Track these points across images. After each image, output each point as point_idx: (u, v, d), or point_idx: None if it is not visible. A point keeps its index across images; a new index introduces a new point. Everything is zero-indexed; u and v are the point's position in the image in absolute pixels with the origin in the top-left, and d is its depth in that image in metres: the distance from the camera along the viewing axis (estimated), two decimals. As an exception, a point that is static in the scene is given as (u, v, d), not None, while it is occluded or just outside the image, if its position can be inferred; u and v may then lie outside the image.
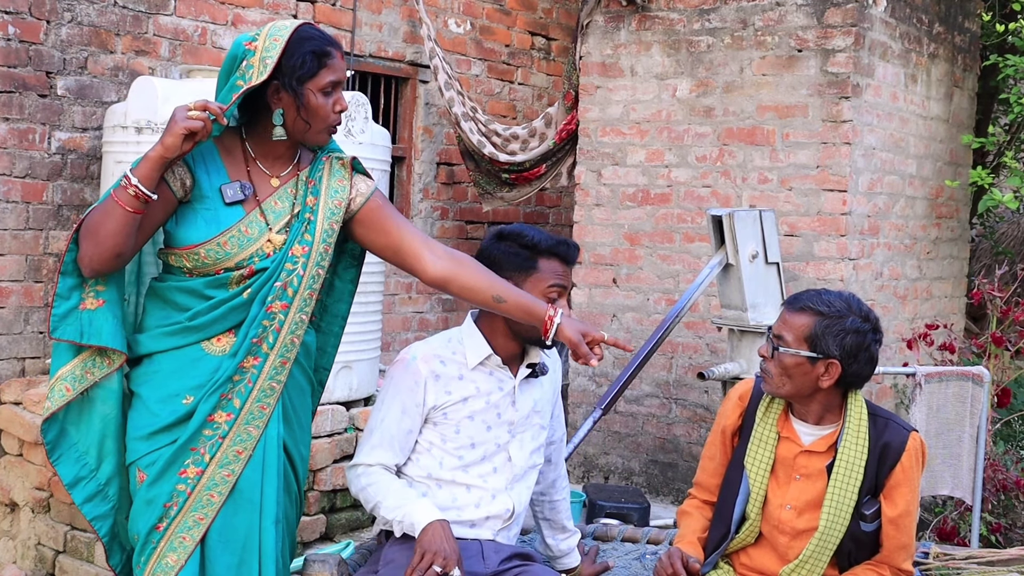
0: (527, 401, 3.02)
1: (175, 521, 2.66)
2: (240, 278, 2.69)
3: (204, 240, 2.66)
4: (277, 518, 2.77)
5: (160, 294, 2.74)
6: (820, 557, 2.89)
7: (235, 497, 2.71)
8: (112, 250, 2.58)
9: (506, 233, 2.97)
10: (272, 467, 2.76)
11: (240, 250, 2.68)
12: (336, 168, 2.83)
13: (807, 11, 5.70)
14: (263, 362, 2.70)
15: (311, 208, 2.76)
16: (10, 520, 4.78)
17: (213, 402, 2.67)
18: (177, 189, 2.67)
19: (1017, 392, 6.32)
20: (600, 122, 6.26)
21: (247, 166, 2.75)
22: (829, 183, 5.63)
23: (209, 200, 2.69)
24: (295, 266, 2.72)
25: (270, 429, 2.75)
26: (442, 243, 2.91)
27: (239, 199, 2.70)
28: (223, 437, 2.68)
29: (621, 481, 6.16)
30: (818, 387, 2.89)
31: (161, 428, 2.68)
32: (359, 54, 6.14)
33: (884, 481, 2.90)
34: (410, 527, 2.81)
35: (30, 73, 4.79)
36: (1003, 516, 5.22)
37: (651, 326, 5.92)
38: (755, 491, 2.95)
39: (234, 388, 2.68)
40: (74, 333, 2.64)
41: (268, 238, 2.71)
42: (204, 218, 2.68)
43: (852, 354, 2.85)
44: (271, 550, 2.75)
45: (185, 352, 2.69)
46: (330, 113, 2.71)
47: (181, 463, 2.67)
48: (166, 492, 2.67)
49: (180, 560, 2.66)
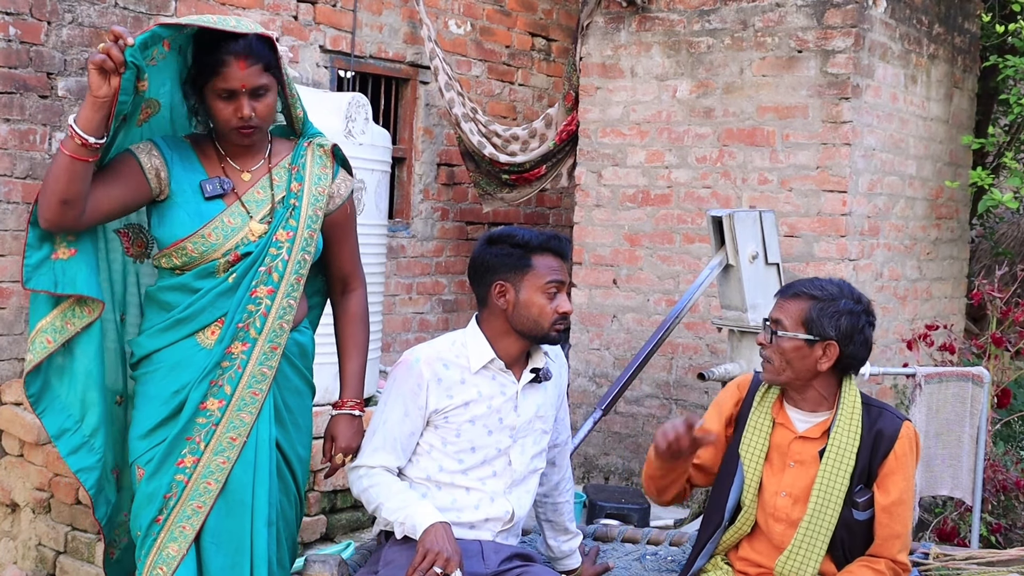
0: (530, 406, 3.02)
1: (174, 511, 2.70)
2: (227, 264, 2.74)
3: (189, 234, 2.71)
4: (270, 520, 2.78)
5: (154, 297, 2.80)
6: (812, 544, 2.89)
7: (226, 498, 2.73)
8: (57, 195, 2.58)
9: (496, 236, 2.98)
10: (264, 468, 2.77)
11: (225, 240, 2.73)
12: (318, 155, 2.88)
13: (807, 12, 5.70)
14: (251, 347, 2.73)
15: (295, 194, 2.81)
16: (11, 521, 4.78)
17: (203, 390, 2.70)
18: (151, 177, 2.71)
19: (1017, 393, 6.32)
20: (600, 123, 6.27)
21: (221, 164, 2.80)
22: (829, 184, 5.64)
23: (189, 196, 2.75)
24: (280, 251, 2.76)
25: (261, 429, 2.76)
26: (442, 243, 2.93)
27: (219, 193, 2.75)
28: (216, 424, 2.71)
29: (621, 482, 6.16)
30: (817, 371, 2.92)
31: (158, 424, 2.72)
32: (359, 55, 6.14)
33: (877, 469, 2.91)
34: (412, 529, 2.81)
35: (31, 74, 4.80)
36: (1003, 516, 5.22)
37: (651, 327, 5.93)
38: (749, 477, 2.97)
39: (223, 375, 2.71)
40: (48, 283, 2.66)
41: (249, 227, 2.76)
42: (186, 212, 2.73)
43: (848, 335, 2.90)
44: (263, 552, 2.76)
45: (181, 347, 2.73)
46: (231, 118, 2.73)
47: (178, 454, 2.70)
48: (165, 484, 2.70)
49: (181, 550, 2.68)
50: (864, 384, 5.20)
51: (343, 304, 3.04)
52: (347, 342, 3.03)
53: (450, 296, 6.83)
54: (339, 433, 2.97)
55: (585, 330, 6.27)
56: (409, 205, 6.55)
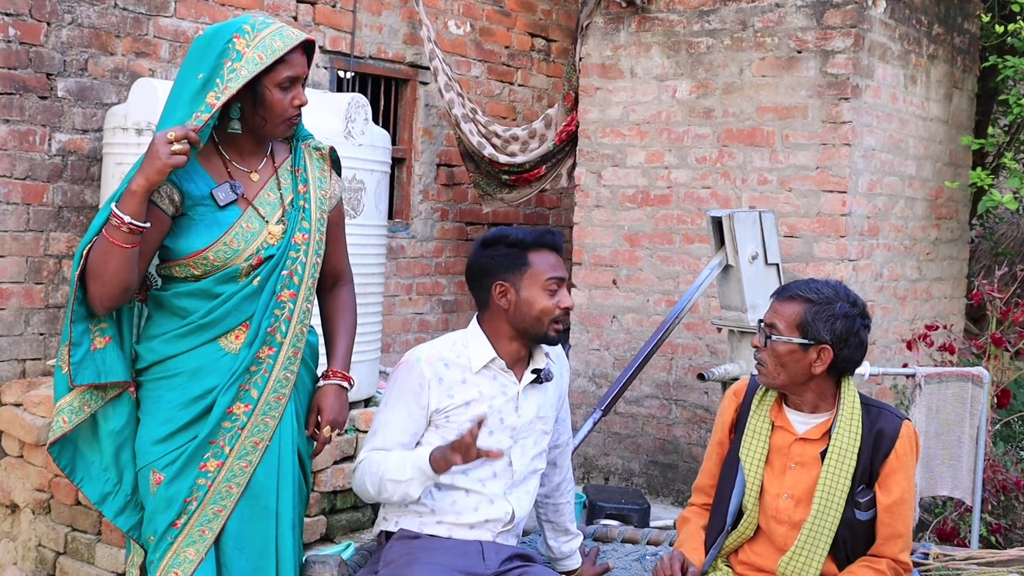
0: (531, 407, 3.02)
1: (195, 515, 2.68)
2: (249, 268, 2.71)
3: (209, 244, 2.68)
4: (294, 523, 2.78)
5: (166, 302, 2.74)
6: (815, 545, 2.89)
7: (251, 503, 2.72)
8: (119, 286, 2.60)
9: (489, 239, 2.99)
10: (287, 472, 2.77)
11: (247, 244, 2.70)
12: (315, 158, 2.88)
13: (806, 12, 5.70)
14: (278, 351, 2.73)
15: (303, 196, 2.80)
16: (11, 522, 4.78)
17: (232, 394, 2.69)
18: (167, 207, 2.67)
19: (1017, 393, 6.32)
20: (600, 123, 6.27)
21: (227, 167, 2.76)
22: (829, 184, 5.64)
23: (203, 207, 2.70)
24: (298, 254, 2.76)
25: (284, 433, 2.76)
26: (439, 245, 2.93)
27: (232, 199, 2.71)
28: (242, 428, 2.70)
29: (621, 482, 6.16)
30: (811, 374, 2.93)
31: (179, 428, 2.69)
32: (359, 56, 6.14)
33: (879, 469, 2.91)
34: (421, 471, 2.80)
35: (30, 75, 4.80)
36: (1003, 517, 5.22)
37: (651, 327, 5.93)
38: (750, 480, 2.97)
39: (251, 379, 2.70)
40: (92, 375, 2.67)
41: (268, 231, 2.74)
42: (204, 224, 2.69)
43: (843, 338, 2.90)
44: (289, 555, 2.76)
45: (202, 352, 2.70)
46: (287, 108, 2.71)
47: (201, 458, 2.68)
48: (186, 488, 2.68)
49: (200, 554, 2.67)
50: (864, 384, 5.21)
51: (334, 292, 3.01)
52: (337, 324, 2.99)
53: (450, 296, 6.84)
54: (327, 405, 2.89)
55: (585, 330, 6.27)
56: (409, 206, 6.55)
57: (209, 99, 2.61)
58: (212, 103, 2.60)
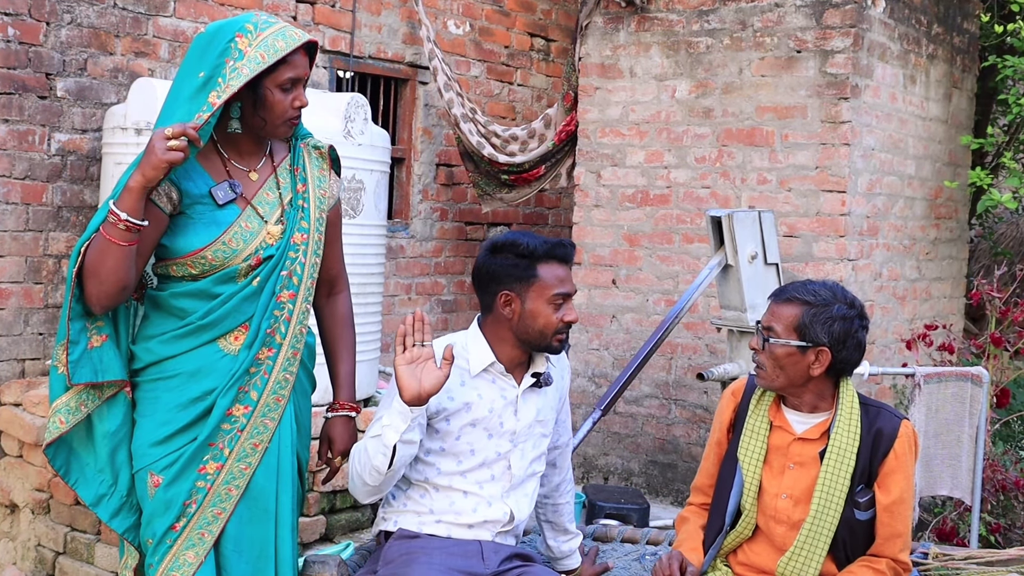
0: (530, 411, 3.01)
1: (194, 518, 2.66)
2: (248, 269, 2.69)
3: (208, 243, 2.66)
4: (293, 526, 2.78)
5: (163, 303, 2.72)
6: (815, 545, 2.89)
7: (249, 505, 2.71)
8: (116, 285, 2.57)
9: (500, 244, 2.93)
10: (287, 474, 2.76)
11: (246, 244, 2.69)
12: (314, 157, 2.86)
13: (806, 12, 5.70)
14: (277, 353, 2.71)
15: (302, 195, 2.78)
16: (10, 521, 4.78)
17: (231, 396, 2.67)
18: (164, 205, 2.64)
19: (1016, 392, 6.32)
20: (599, 123, 6.27)
21: (225, 166, 2.74)
22: (828, 184, 5.64)
23: (202, 205, 2.68)
24: (297, 254, 2.74)
25: (284, 435, 2.75)
26: (438, 247, 2.93)
27: (231, 198, 2.69)
28: (241, 430, 2.68)
29: (621, 482, 6.16)
30: (810, 376, 2.92)
31: (178, 430, 2.67)
32: (358, 55, 6.14)
33: (878, 469, 2.91)
34: (399, 407, 2.72)
35: (30, 75, 4.80)
36: (1002, 516, 5.22)
37: (650, 327, 5.93)
38: (749, 480, 2.97)
39: (251, 380, 2.69)
40: (89, 374, 2.65)
41: (267, 231, 2.72)
42: (202, 223, 2.67)
43: (840, 340, 2.89)
44: (288, 558, 2.75)
45: (201, 353, 2.68)
46: (288, 109, 2.69)
47: (200, 460, 2.67)
48: (185, 491, 2.66)
49: (199, 556, 2.65)
50: (863, 384, 5.21)
51: (331, 306, 2.99)
52: (338, 344, 2.99)
53: (449, 296, 6.84)
54: (336, 435, 2.94)
55: (584, 330, 6.27)
56: (408, 205, 6.55)
57: (211, 98, 2.59)
58: (214, 102, 2.58)
